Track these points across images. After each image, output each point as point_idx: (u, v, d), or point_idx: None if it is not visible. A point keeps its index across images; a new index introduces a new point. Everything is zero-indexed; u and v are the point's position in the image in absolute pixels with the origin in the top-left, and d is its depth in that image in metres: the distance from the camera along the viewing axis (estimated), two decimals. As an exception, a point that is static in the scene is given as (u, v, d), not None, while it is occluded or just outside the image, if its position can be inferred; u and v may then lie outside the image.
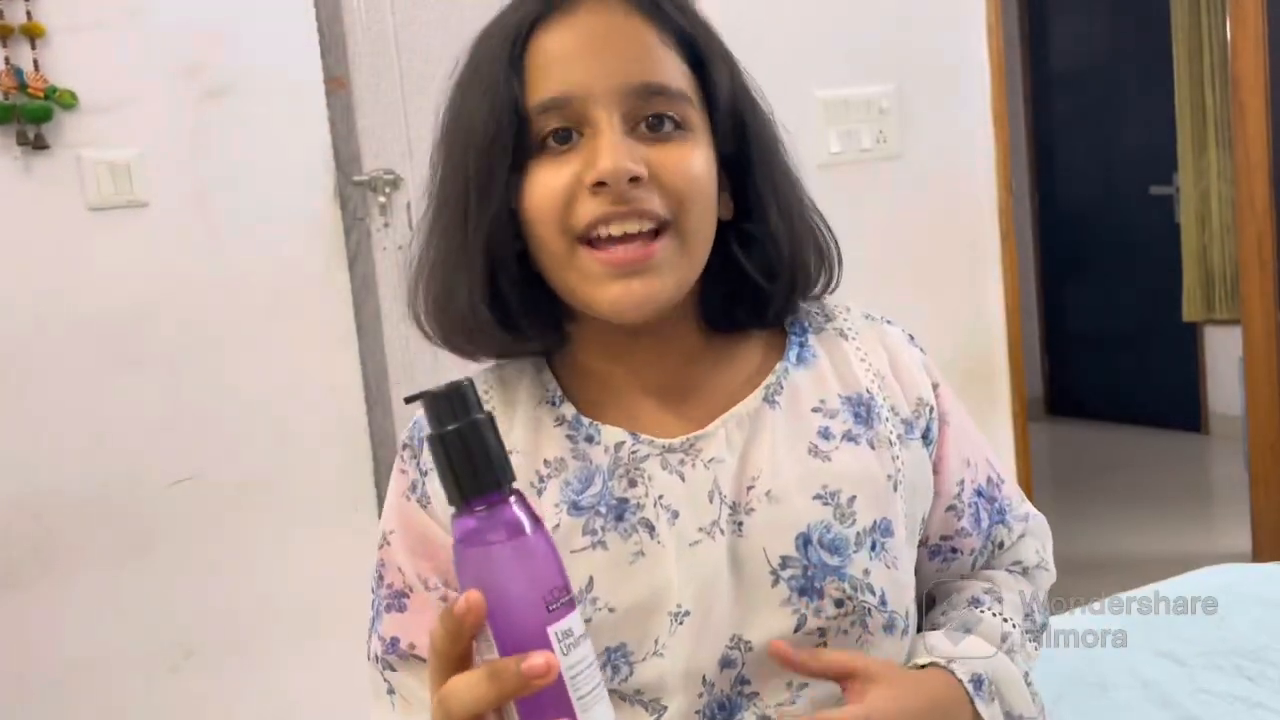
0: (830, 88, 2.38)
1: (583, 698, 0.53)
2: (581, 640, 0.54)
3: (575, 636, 0.53)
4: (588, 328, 0.80)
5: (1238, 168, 2.96)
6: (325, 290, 2.10)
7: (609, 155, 0.71)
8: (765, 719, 0.75)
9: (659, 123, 0.74)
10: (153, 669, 2.02)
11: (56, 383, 1.95)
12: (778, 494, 0.76)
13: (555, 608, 0.53)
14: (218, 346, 2.03)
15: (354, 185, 2.15)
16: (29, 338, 1.93)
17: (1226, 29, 2.96)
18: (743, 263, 0.79)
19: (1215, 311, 4.09)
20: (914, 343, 0.87)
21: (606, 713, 0.54)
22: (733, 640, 0.75)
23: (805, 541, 0.75)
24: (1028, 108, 4.78)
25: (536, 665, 0.52)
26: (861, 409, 0.80)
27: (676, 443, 0.77)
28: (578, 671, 0.53)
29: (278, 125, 2.05)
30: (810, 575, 0.75)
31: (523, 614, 0.53)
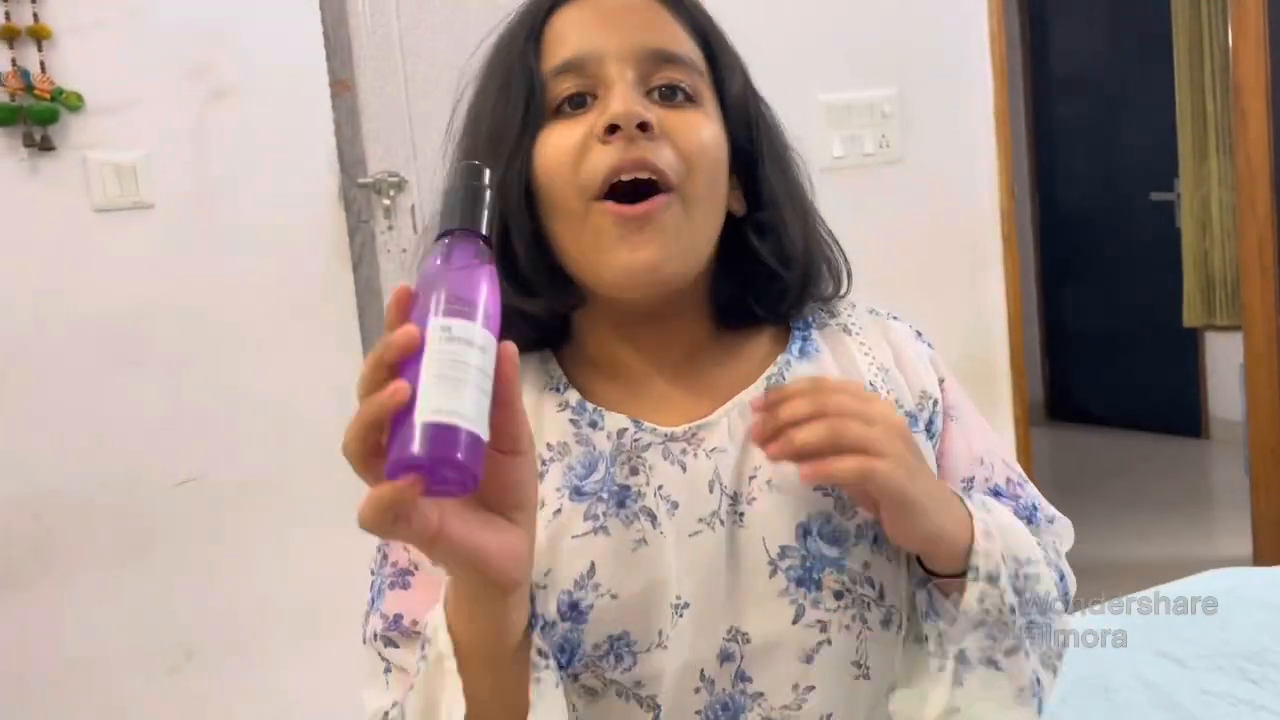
0: (833, 91, 2.38)
1: (442, 377, 0.54)
2: (467, 347, 0.55)
3: (459, 340, 0.55)
4: (596, 313, 0.80)
5: (1239, 173, 2.96)
6: (329, 292, 2.11)
7: (620, 100, 0.73)
8: (769, 720, 0.75)
9: (671, 93, 0.76)
10: (153, 669, 2.02)
11: (58, 383, 1.95)
12: (779, 483, 0.76)
13: (449, 312, 0.55)
14: (220, 348, 2.04)
15: (358, 188, 2.15)
16: (31, 338, 1.93)
17: (1228, 34, 2.97)
18: (757, 248, 0.79)
19: (1215, 317, 4.09)
20: (921, 338, 0.88)
21: (469, 402, 0.54)
22: (730, 632, 0.75)
23: (805, 532, 0.75)
24: (1029, 113, 4.78)
25: (396, 334, 0.54)
26: None
27: (679, 431, 0.77)
28: (446, 360, 0.54)
29: (283, 128, 2.05)
30: (809, 566, 0.75)
31: (420, 314, 0.56)
